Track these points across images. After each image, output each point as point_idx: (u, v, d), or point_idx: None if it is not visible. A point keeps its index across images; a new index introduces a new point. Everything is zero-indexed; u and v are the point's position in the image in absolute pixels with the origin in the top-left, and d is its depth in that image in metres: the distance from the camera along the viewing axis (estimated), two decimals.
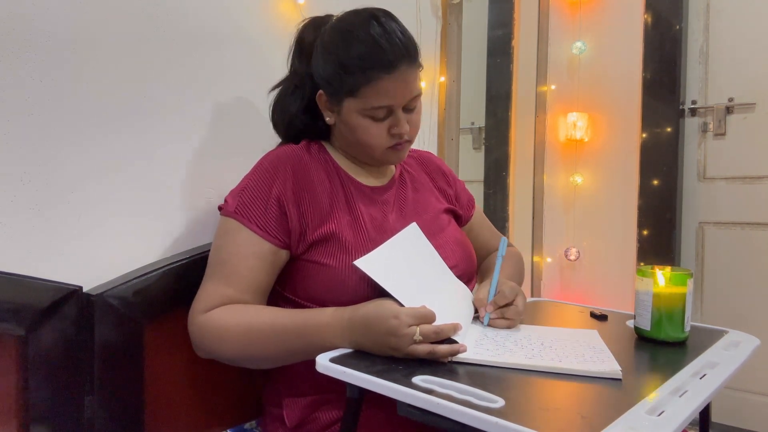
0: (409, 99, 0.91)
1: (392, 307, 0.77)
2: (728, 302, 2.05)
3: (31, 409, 0.79)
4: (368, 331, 0.77)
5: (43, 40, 0.83)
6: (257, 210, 0.89)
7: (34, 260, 0.83)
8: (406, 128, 0.93)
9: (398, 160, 0.99)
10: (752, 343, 0.87)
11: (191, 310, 0.88)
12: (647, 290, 0.86)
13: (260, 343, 0.84)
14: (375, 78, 0.87)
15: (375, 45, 0.87)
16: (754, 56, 1.99)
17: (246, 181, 0.92)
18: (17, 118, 0.81)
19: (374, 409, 0.83)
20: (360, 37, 0.88)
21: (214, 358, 0.88)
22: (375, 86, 0.88)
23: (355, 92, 0.89)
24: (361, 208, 0.95)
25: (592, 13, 2.25)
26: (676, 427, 0.56)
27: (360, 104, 0.90)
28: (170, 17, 0.99)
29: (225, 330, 0.84)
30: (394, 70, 0.87)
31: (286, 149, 0.96)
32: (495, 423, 0.56)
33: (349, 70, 0.88)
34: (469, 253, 1.04)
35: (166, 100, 0.99)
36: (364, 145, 0.93)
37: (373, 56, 0.87)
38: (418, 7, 1.55)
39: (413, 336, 0.73)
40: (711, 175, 2.09)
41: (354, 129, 0.92)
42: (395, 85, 0.88)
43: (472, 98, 2.21)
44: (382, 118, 0.91)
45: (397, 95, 0.89)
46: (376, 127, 0.91)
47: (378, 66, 0.87)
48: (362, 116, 0.91)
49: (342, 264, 0.87)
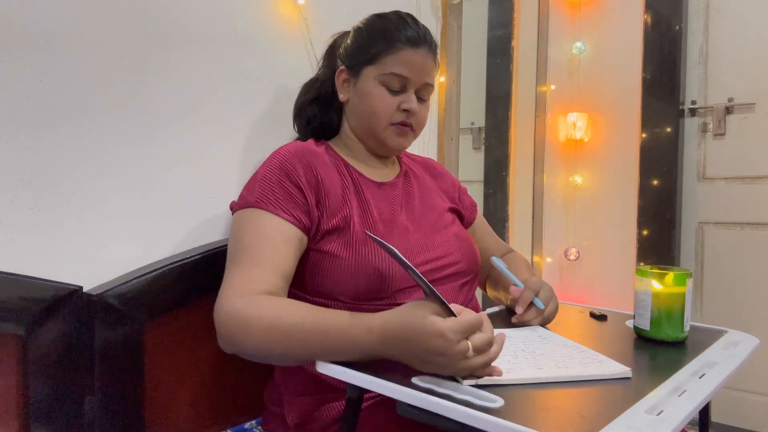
0: (423, 82, 0.98)
1: (433, 322, 0.65)
2: (728, 302, 2.05)
3: (32, 408, 0.79)
4: (407, 345, 0.67)
5: (44, 40, 0.83)
6: (279, 197, 0.88)
7: (34, 260, 0.83)
8: (416, 107, 0.97)
9: (398, 147, 1.00)
10: (751, 342, 0.87)
11: (221, 296, 0.81)
12: (646, 290, 0.86)
13: (286, 343, 0.76)
14: (399, 48, 0.95)
15: (404, 23, 0.97)
16: (753, 56, 1.99)
17: (262, 173, 0.92)
18: (17, 118, 0.81)
19: (374, 409, 0.83)
20: (395, 18, 0.98)
21: (237, 350, 0.80)
22: (397, 54, 0.95)
23: (377, 59, 0.96)
24: (370, 201, 0.96)
25: (592, 13, 2.25)
26: (675, 427, 0.56)
27: (379, 69, 0.96)
28: (170, 17, 0.99)
29: (258, 321, 0.77)
30: (417, 47, 0.96)
31: (297, 143, 0.98)
32: (494, 422, 0.56)
33: (377, 39, 0.96)
34: (473, 251, 1.04)
35: (165, 101, 0.99)
36: (372, 113, 0.97)
37: (400, 29, 0.96)
38: (418, 7, 1.55)
39: (465, 353, 0.65)
40: (711, 175, 2.09)
41: (367, 96, 0.97)
42: (415, 60, 0.95)
43: (472, 98, 2.21)
44: (396, 90, 0.96)
45: (414, 70, 0.96)
46: (389, 98, 0.96)
47: (404, 39, 0.95)
48: (378, 83, 0.96)
49: (350, 254, 0.88)
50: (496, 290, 1.12)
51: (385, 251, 0.83)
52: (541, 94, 2.28)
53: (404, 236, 0.94)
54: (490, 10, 2.26)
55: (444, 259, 0.96)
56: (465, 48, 1.77)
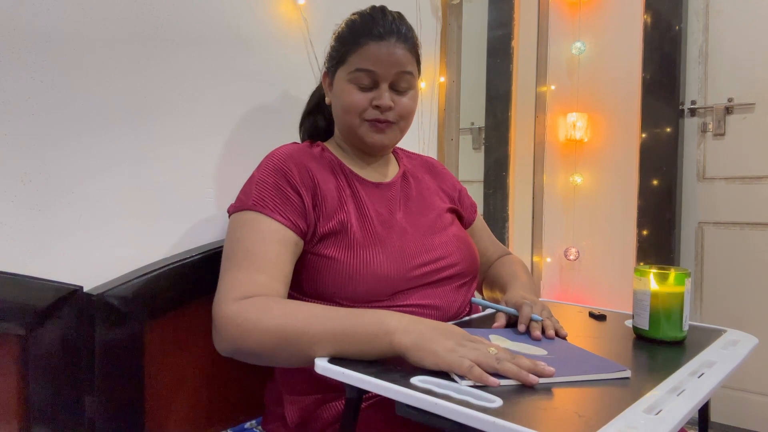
0: (394, 73, 0.94)
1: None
2: (727, 302, 2.05)
3: (32, 408, 0.79)
4: (432, 323, 0.73)
5: (44, 40, 0.84)
6: (276, 200, 0.88)
7: (35, 260, 0.83)
8: (388, 102, 0.94)
9: (376, 143, 0.97)
10: (751, 342, 0.87)
11: (220, 299, 0.80)
12: (645, 290, 0.86)
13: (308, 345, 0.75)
14: (363, 44, 0.94)
15: (368, 17, 0.96)
16: (753, 56, 1.99)
17: (258, 176, 0.91)
18: (17, 118, 0.81)
19: (374, 409, 0.83)
20: (364, 16, 0.97)
21: (236, 352, 0.79)
22: (361, 51, 0.94)
23: (345, 58, 0.96)
24: (367, 202, 0.96)
25: (591, 13, 2.25)
26: (673, 426, 0.56)
27: (347, 68, 0.95)
28: (170, 17, 0.99)
29: (263, 321, 0.76)
30: (382, 39, 0.94)
31: (292, 146, 0.97)
32: (493, 422, 0.56)
33: (345, 39, 0.96)
34: (472, 252, 1.04)
35: (165, 100, 0.99)
36: (345, 111, 0.96)
37: (364, 25, 0.95)
38: (418, 7, 1.56)
39: (489, 348, 0.69)
40: (710, 175, 2.09)
41: (339, 96, 0.97)
42: (380, 53, 0.93)
43: (472, 98, 2.21)
44: (366, 86, 0.95)
45: (380, 63, 0.93)
46: (358, 95, 0.95)
47: (366, 33, 0.94)
48: (348, 81, 0.95)
49: (348, 258, 0.88)
50: (492, 291, 1.13)
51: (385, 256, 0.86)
52: (540, 95, 2.29)
53: (402, 237, 0.94)
54: (490, 10, 2.26)
55: (443, 261, 0.96)
56: (465, 48, 1.77)
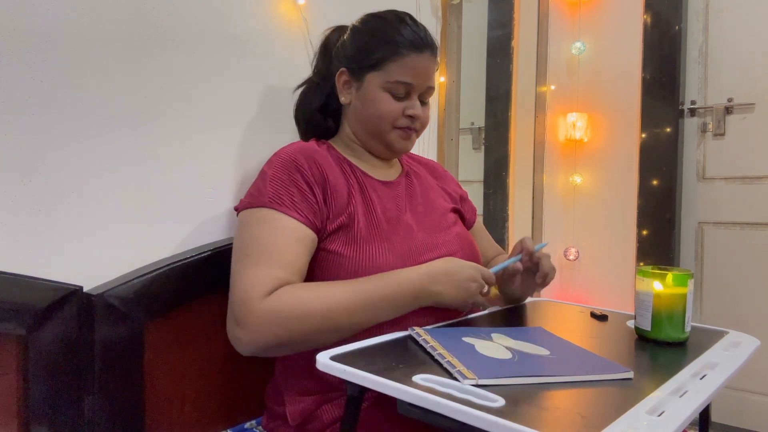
0: (426, 87, 0.98)
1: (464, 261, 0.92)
2: (728, 302, 2.05)
3: (32, 408, 0.79)
4: (449, 279, 0.88)
5: (44, 40, 0.83)
6: (293, 197, 0.88)
7: (35, 260, 0.83)
8: (420, 112, 0.98)
9: (402, 149, 1.01)
10: (752, 343, 0.87)
11: (247, 298, 0.80)
12: (648, 291, 0.86)
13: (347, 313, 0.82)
14: (404, 54, 0.94)
15: (408, 26, 0.96)
16: (753, 56, 1.99)
17: (271, 173, 0.91)
18: (17, 118, 0.81)
19: (375, 408, 0.83)
20: (394, 20, 0.97)
21: (277, 346, 0.80)
22: (402, 61, 0.94)
23: (381, 65, 0.95)
24: (375, 199, 0.96)
25: (591, 13, 2.25)
26: (676, 427, 0.56)
27: (384, 77, 0.95)
28: (170, 17, 0.99)
29: (304, 306, 0.80)
30: (422, 52, 0.95)
31: (300, 144, 0.97)
32: (495, 422, 0.56)
33: (380, 43, 0.95)
34: (474, 251, 1.05)
35: (165, 100, 0.99)
36: (378, 118, 0.97)
37: (405, 34, 0.94)
38: (418, 7, 1.56)
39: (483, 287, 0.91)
40: (710, 175, 2.09)
41: (372, 102, 0.96)
42: (419, 66, 0.95)
43: (472, 98, 2.21)
44: (401, 96, 0.96)
45: (419, 76, 0.95)
46: (394, 104, 0.96)
47: (409, 44, 0.94)
48: (383, 90, 0.96)
49: (354, 253, 0.88)
50: None
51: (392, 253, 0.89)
52: (540, 95, 2.28)
53: (408, 235, 0.95)
54: (490, 10, 2.26)
55: None
56: (465, 48, 1.77)
